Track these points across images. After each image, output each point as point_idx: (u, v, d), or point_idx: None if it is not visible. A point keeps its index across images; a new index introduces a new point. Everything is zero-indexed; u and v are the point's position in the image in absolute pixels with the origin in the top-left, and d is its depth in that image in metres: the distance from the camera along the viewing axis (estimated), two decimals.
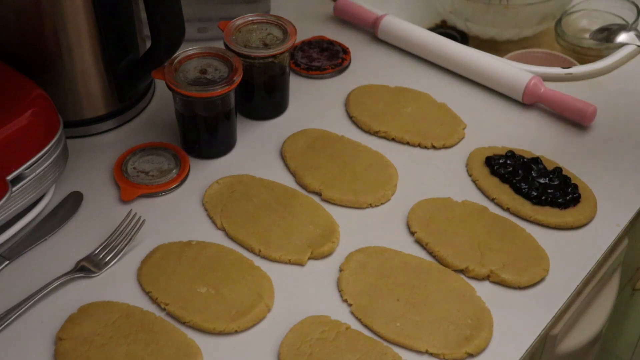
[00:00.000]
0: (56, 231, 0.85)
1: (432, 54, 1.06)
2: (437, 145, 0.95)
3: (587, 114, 0.96)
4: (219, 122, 0.91)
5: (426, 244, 0.83)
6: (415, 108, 0.98)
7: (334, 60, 1.06)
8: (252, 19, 0.97)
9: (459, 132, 0.96)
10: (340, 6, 1.13)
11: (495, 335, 0.75)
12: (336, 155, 0.93)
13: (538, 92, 0.98)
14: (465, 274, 0.81)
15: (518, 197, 0.88)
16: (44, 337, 0.75)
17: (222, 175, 0.91)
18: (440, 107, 0.99)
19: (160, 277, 0.79)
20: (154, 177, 0.89)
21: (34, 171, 0.82)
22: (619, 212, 0.88)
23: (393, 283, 0.79)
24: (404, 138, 0.95)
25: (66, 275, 0.79)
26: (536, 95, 0.98)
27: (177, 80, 0.88)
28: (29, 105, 0.81)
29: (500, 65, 1.02)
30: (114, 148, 0.94)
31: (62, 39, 0.88)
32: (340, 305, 0.78)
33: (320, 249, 0.82)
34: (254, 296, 0.78)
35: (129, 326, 0.75)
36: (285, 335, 0.75)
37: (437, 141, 0.95)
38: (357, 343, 0.74)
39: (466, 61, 1.03)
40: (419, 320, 0.76)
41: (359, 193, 0.88)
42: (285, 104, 1.00)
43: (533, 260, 0.81)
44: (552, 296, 0.79)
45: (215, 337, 0.76)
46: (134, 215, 0.84)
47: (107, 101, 0.95)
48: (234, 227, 0.85)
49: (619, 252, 0.96)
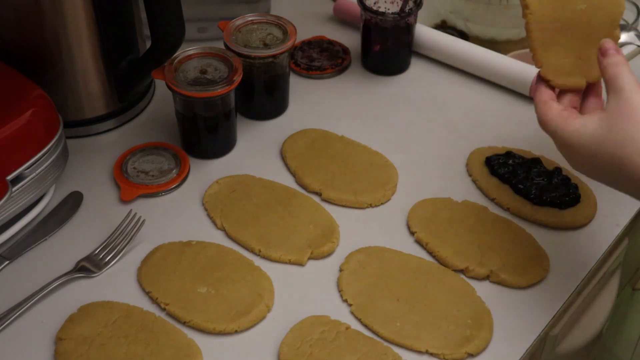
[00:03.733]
0: (56, 231, 0.85)
1: (434, 50, 1.06)
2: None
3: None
4: (219, 122, 0.91)
5: (426, 244, 0.83)
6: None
7: (334, 60, 1.06)
8: (252, 19, 0.97)
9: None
10: (340, 6, 1.13)
11: (495, 335, 0.76)
12: (336, 155, 0.93)
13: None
14: (465, 274, 0.81)
15: (518, 197, 0.88)
16: (44, 337, 0.75)
17: (222, 175, 0.91)
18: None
19: (160, 277, 0.79)
20: (154, 177, 0.89)
21: (34, 171, 0.82)
22: (619, 212, 0.88)
23: (393, 283, 0.79)
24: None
25: (66, 275, 0.79)
26: None
27: (177, 80, 0.88)
28: (29, 105, 0.81)
29: (506, 60, 1.03)
30: (114, 148, 0.94)
31: (62, 39, 0.88)
32: (340, 305, 0.78)
33: (320, 249, 0.83)
34: (254, 296, 0.78)
35: (129, 326, 0.75)
36: (285, 335, 0.75)
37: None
38: (357, 343, 0.74)
39: (471, 57, 1.04)
40: (419, 320, 0.76)
41: (359, 193, 0.88)
42: (285, 104, 1.00)
43: (533, 260, 0.81)
44: (552, 296, 0.79)
45: (215, 337, 0.76)
46: (134, 215, 0.84)
47: (107, 101, 0.95)
48: (234, 227, 0.85)
49: (619, 252, 0.96)
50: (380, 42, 1.03)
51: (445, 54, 1.06)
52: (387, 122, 0.99)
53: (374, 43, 1.04)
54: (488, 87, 1.04)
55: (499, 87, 1.03)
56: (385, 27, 1.01)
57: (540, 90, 0.75)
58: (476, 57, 1.04)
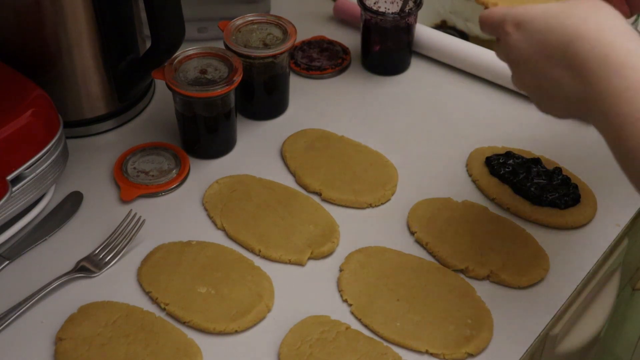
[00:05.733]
0: (56, 231, 0.85)
1: (434, 50, 1.06)
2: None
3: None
4: (219, 122, 0.91)
5: (426, 244, 0.83)
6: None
7: (334, 60, 1.06)
8: (252, 19, 0.97)
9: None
10: (340, 6, 1.13)
11: (495, 335, 0.76)
12: (336, 155, 0.93)
13: None
14: (465, 274, 0.81)
15: (518, 197, 0.88)
16: (44, 337, 0.75)
17: (222, 175, 0.91)
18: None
19: (160, 277, 0.79)
20: (154, 177, 0.89)
21: (34, 171, 0.82)
22: (619, 212, 0.88)
23: (393, 283, 0.79)
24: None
25: (66, 275, 0.79)
26: None
27: (177, 80, 0.88)
28: (29, 105, 0.81)
29: None
30: (114, 148, 0.94)
31: (62, 39, 0.88)
32: (340, 305, 0.78)
33: (320, 249, 0.83)
34: (254, 296, 0.78)
35: (129, 326, 0.75)
36: (285, 335, 0.75)
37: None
38: (357, 343, 0.74)
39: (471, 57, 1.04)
40: (419, 320, 0.76)
41: (359, 193, 0.88)
42: (285, 104, 1.00)
43: (533, 260, 0.81)
44: (552, 296, 0.79)
45: (215, 337, 0.76)
46: (134, 215, 0.84)
47: (107, 101, 0.95)
48: (234, 227, 0.85)
49: (619, 252, 0.96)
50: (380, 42, 1.04)
51: (445, 54, 1.06)
52: (387, 122, 0.99)
53: (374, 43, 1.04)
54: (488, 87, 1.04)
55: (499, 87, 1.03)
56: (385, 27, 1.01)
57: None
58: (476, 57, 1.04)
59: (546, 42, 0.63)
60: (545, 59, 0.64)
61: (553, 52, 0.63)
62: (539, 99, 0.68)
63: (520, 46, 0.65)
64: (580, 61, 0.61)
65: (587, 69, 0.61)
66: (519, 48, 0.66)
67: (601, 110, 0.60)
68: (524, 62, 0.66)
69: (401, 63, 1.06)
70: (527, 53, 0.65)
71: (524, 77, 0.67)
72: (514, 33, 0.66)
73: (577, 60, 0.61)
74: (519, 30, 0.65)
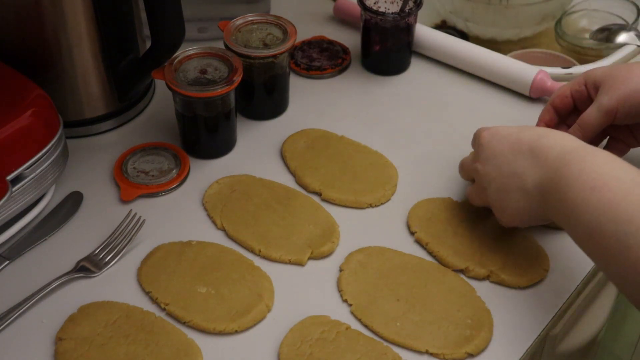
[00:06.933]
0: (56, 231, 0.85)
1: (434, 50, 1.06)
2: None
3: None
4: (219, 122, 0.91)
5: (426, 244, 0.83)
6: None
7: (334, 60, 1.06)
8: (252, 19, 0.97)
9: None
10: (340, 6, 1.13)
11: (495, 335, 0.75)
12: (336, 155, 0.93)
13: (545, 85, 0.99)
14: (465, 274, 0.81)
15: None
16: (44, 337, 0.75)
17: (222, 175, 0.91)
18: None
19: (160, 277, 0.79)
20: (154, 177, 0.89)
21: (34, 171, 0.82)
22: None
23: (393, 283, 0.79)
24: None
25: (66, 275, 0.79)
26: (543, 88, 0.99)
27: (177, 80, 0.88)
28: (29, 105, 0.81)
29: (506, 60, 1.03)
30: (114, 148, 0.94)
31: (62, 39, 0.88)
32: (340, 305, 0.78)
33: (320, 249, 0.83)
34: (254, 296, 0.78)
35: (129, 326, 0.75)
36: (285, 335, 0.75)
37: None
38: (357, 343, 0.74)
39: (471, 57, 1.04)
40: (419, 320, 0.76)
41: (359, 193, 0.88)
42: (285, 104, 1.00)
43: (533, 260, 0.81)
44: (552, 296, 0.79)
45: (215, 337, 0.76)
46: (134, 215, 0.84)
47: (107, 101, 0.95)
48: (234, 227, 0.85)
49: None
50: (380, 42, 1.04)
51: (445, 54, 1.06)
52: (387, 122, 0.99)
53: (374, 43, 1.04)
54: (488, 87, 1.04)
55: (499, 87, 1.03)
56: (385, 27, 1.01)
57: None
58: (476, 57, 1.04)
59: (518, 140, 0.76)
60: (514, 154, 0.75)
61: (522, 147, 0.75)
62: (501, 207, 0.78)
63: (494, 145, 0.78)
64: (545, 151, 0.73)
65: (549, 158, 0.72)
66: (493, 147, 0.78)
67: (557, 197, 0.70)
68: (494, 157, 0.77)
69: (401, 63, 1.06)
70: (499, 149, 0.77)
71: (491, 172, 0.77)
72: (489, 137, 0.79)
73: (543, 150, 0.73)
74: (494, 138, 0.78)
